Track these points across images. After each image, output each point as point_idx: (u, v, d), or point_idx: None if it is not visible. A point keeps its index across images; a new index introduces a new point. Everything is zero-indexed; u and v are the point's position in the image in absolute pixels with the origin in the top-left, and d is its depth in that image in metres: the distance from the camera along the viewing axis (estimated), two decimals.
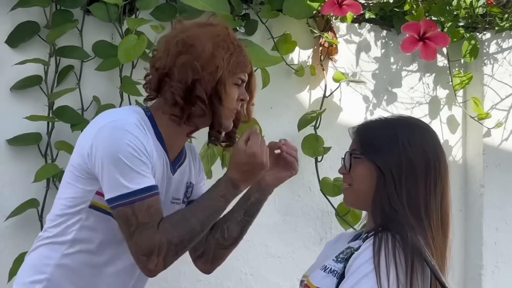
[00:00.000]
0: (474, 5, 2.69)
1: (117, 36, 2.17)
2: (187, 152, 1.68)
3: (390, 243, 1.24)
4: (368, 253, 1.25)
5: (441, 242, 1.34)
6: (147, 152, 1.45)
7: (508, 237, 2.75)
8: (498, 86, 2.83)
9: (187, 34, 1.52)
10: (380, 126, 1.43)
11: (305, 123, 2.42)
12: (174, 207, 1.62)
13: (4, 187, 2.02)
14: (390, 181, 1.33)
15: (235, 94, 1.56)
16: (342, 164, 1.48)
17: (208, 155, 2.18)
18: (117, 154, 1.41)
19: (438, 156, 1.37)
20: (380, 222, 1.33)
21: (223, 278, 2.38)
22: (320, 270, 1.36)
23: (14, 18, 2.04)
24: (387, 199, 1.32)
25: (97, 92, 2.14)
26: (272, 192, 1.71)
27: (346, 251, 1.35)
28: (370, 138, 1.40)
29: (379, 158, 1.35)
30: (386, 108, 2.70)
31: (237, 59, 1.53)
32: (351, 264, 1.28)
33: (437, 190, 1.35)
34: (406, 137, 1.36)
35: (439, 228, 1.34)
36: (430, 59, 2.43)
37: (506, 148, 2.83)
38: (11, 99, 2.04)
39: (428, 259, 1.25)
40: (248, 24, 2.36)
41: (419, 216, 1.32)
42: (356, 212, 2.46)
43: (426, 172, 1.34)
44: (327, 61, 2.52)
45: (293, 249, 2.51)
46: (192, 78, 1.48)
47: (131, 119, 1.47)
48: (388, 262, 1.22)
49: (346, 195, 1.47)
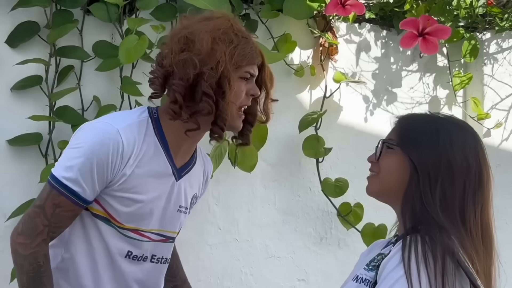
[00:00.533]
0: (474, 5, 2.69)
1: (117, 36, 2.17)
2: (198, 162, 1.63)
3: (420, 245, 1.17)
4: (398, 258, 1.18)
5: (485, 258, 1.25)
6: (112, 164, 1.41)
7: (508, 237, 2.75)
8: (498, 86, 2.84)
9: (190, 30, 1.46)
10: (423, 120, 1.35)
11: (306, 124, 2.42)
12: (182, 216, 1.60)
13: (4, 187, 2.02)
14: (425, 179, 1.25)
15: (242, 89, 1.48)
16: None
17: (216, 155, 2.18)
18: (81, 148, 1.41)
19: (479, 163, 1.28)
20: (411, 224, 1.26)
21: (223, 278, 2.38)
22: (352, 281, 1.30)
23: (14, 18, 2.04)
24: (419, 197, 1.25)
25: (98, 92, 2.14)
26: None
27: (377, 258, 1.28)
28: (411, 130, 1.32)
29: (415, 153, 1.27)
30: (386, 108, 2.70)
31: (242, 52, 1.45)
32: (381, 270, 1.22)
33: (476, 199, 1.26)
34: (448, 136, 1.28)
35: (480, 240, 1.25)
36: (431, 52, 2.40)
37: (506, 148, 2.84)
38: (12, 99, 2.04)
39: (462, 260, 1.16)
40: (248, 24, 2.36)
41: (454, 219, 1.23)
42: (357, 212, 2.47)
43: (465, 177, 1.26)
44: (327, 61, 2.52)
45: (293, 249, 2.51)
46: (194, 74, 1.41)
47: (118, 124, 1.43)
48: (418, 266, 1.14)
49: (370, 183, 1.37)
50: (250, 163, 2.31)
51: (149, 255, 1.55)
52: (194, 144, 1.59)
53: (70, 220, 1.45)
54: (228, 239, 2.40)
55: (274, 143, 2.46)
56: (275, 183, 2.48)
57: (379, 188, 1.35)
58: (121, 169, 1.43)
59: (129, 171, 1.44)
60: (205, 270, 2.35)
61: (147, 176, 1.48)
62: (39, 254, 1.42)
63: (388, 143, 1.33)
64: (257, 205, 2.45)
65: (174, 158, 1.53)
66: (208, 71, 1.41)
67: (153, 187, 1.50)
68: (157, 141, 1.49)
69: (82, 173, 1.39)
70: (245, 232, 2.42)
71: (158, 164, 1.50)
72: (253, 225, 2.45)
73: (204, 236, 2.35)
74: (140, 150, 1.46)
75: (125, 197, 1.46)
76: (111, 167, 1.41)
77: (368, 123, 2.67)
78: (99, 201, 1.47)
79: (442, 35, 2.39)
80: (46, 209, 1.42)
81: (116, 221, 1.48)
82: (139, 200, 1.48)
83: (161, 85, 1.48)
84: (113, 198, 1.46)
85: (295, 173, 2.51)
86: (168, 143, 1.51)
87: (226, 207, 2.40)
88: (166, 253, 1.60)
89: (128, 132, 1.43)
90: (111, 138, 1.40)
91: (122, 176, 1.44)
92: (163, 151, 1.50)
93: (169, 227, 1.58)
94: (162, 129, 1.50)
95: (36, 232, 1.42)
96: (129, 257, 1.52)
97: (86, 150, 1.40)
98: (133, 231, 1.51)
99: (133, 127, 1.45)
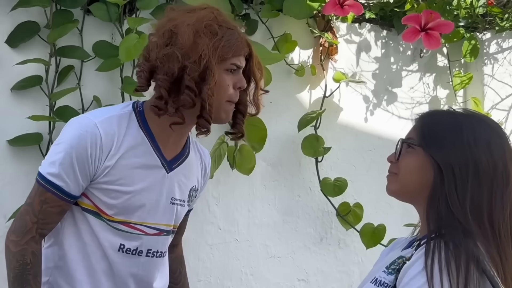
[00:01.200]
0: (474, 5, 2.69)
1: (117, 36, 2.17)
2: (193, 154, 1.63)
3: (443, 252, 1.12)
4: (420, 264, 1.13)
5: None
6: (92, 157, 1.43)
7: None
8: (498, 86, 2.84)
9: (174, 23, 1.44)
10: (445, 118, 1.29)
11: (305, 123, 2.42)
12: (177, 209, 1.60)
13: (4, 187, 2.02)
14: (450, 179, 1.19)
15: (228, 82, 1.46)
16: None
17: (216, 156, 2.17)
18: (62, 144, 1.44)
19: (506, 162, 1.22)
20: (434, 227, 1.20)
21: (223, 278, 2.38)
22: (370, 283, 1.25)
23: (14, 18, 2.04)
24: (445, 199, 1.19)
25: (98, 92, 2.14)
26: None
27: (398, 261, 1.22)
28: (433, 129, 1.26)
29: (439, 152, 1.21)
30: (386, 108, 2.70)
31: (227, 43, 1.43)
32: (402, 276, 1.17)
33: (504, 199, 1.20)
34: (473, 134, 1.22)
35: (510, 243, 1.19)
36: (434, 47, 2.38)
37: None
38: (12, 100, 2.04)
39: (487, 268, 1.11)
40: (248, 24, 2.36)
41: (482, 222, 1.18)
42: (357, 212, 2.47)
43: (492, 177, 1.20)
44: (327, 61, 2.52)
45: (293, 249, 2.51)
46: (178, 68, 1.41)
47: (97, 118, 1.45)
48: (441, 274, 1.10)
49: (390, 183, 1.31)
50: (248, 166, 2.31)
51: (144, 249, 1.55)
52: (184, 136, 1.58)
53: (58, 216, 1.47)
54: (228, 239, 2.40)
55: (274, 143, 2.46)
56: (275, 183, 2.48)
57: (399, 188, 1.29)
58: (102, 162, 1.44)
59: (111, 163, 1.45)
60: (205, 270, 2.35)
61: (133, 167, 1.48)
62: (26, 252, 1.44)
63: (409, 143, 1.27)
64: (257, 205, 2.45)
65: (162, 150, 1.53)
66: (190, 65, 1.40)
67: (140, 178, 1.50)
68: (142, 133, 1.50)
69: (64, 168, 1.42)
70: (245, 232, 2.43)
71: (145, 156, 1.50)
72: (253, 225, 2.45)
73: (204, 236, 2.35)
74: (122, 142, 1.46)
75: (111, 189, 1.47)
76: (91, 160, 1.43)
77: (368, 123, 2.67)
78: (88, 195, 1.49)
79: (444, 29, 2.37)
80: (34, 206, 1.44)
81: (105, 215, 1.49)
82: (126, 192, 1.48)
83: (146, 78, 1.48)
84: (100, 191, 1.47)
85: (295, 173, 2.51)
86: (155, 135, 1.51)
87: (226, 207, 2.40)
88: (161, 247, 1.60)
89: (106, 125, 1.45)
90: (89, 131, 1.43)
91: (105, 169, 1.45)
92: (150, 143, 1.50)
93: (163, 220, 1.57)
94: (147, 122, 1.51)
95: (25, 229, 1.44)
96: (123, 251, 1.52)
97: (66, 144, 1.43)
98: (124, 224, 1.51)
99: (113, 120, 1.47)
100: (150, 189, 1.52)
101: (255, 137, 2.34)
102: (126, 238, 1.52)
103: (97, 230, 1.50)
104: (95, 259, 1.51)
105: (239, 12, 2.33)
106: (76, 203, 1.49)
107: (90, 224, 1.50)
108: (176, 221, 1.63)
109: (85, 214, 1.50)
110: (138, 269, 1.56)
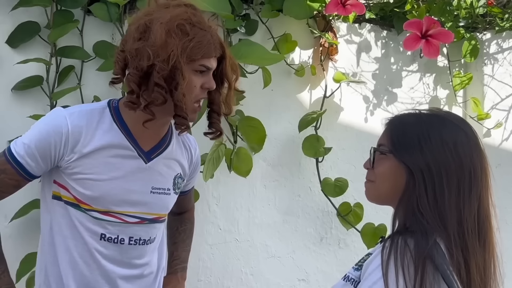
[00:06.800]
0: (475, 5, 2.69)
1: (117, 36, 2.17)
2: (173, 141, 1.64)
3: (400, 249, 1.16)
4: (379, 259, 1.18)
5: (481, 254, 1.24)
6: (55, 145, 1.48)
7: (508, 237, 2.75)
8: (498, 86, 2.84)
9: (150, 18, 1.45)
10: (412, 121, 1.32)
11: (306, 124, 2.42)
12: (159, 197, 1.61)
13: None
14: (420, 182, 1.23)
15: (196, 83, 1.47)
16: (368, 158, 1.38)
17: (214, 158, 2.18)
18: (34, 128, 1.51)
19: (473, 159, 1.26)
20: (400, 227, 1.25)
21: (223, 278, 2.38)
22: (342, 279, 1.29)
23: (15, 18, 2.04)
24: (416, 201, 1.23)
25: (98, 92, 2.14)
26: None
27: (365, 257, 1.28)
28: (401, 134, 1.30)
29: (409, 157, 1.26)
30: (386, 108, 2.70)
31: (198, 45, 1.44)
32: (364, 270, 1.22)
33: (472, 195, 1.25)
34: (439, 136, 1.26)
35: (476, 237, 1.24)
36: (433, 56, 2.42)
37: (506, 148, 2.84)
38: (12, 99, 2.05)
39: (443, 268, 1.15)
40: (248, 24, 2.37)
41: (450, 221, 1.22)
42: (357, 212, 2.47)
43: (459, 175, 1.24)
44: (327, 61, 2.53)
45: (293, 249, 2.51)
46: (147, 66, 1.42)
47: (69, 111, 1.50)
48: (397, 269, 1.14)
49: (368, 190, 1.36)
50: (245, 168, 2.31)
51: (126, 237, 1.57)
52: (161, 127, 1.60)
53: (13, 188, 1.53)
54: (228, 239, 2.40)
55: (274, 143, 2.46)
56: (275, 183, 2.48)
57: (377, 195, 1.34)
58: (66, 151, 1.49)
59: (81, 154, 1.49)
60: (205, 270, 2.35)
61: (106, 157, 1.51)
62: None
63: (380, 150, 1.32)
64: (257, 205, 2.45)
65: (139, 142, 1.55)
66: (159, 64, 1.42)
67: (115, 168, 1.52)
68: (116, 126, 1.53)
69: (28, 150, 1.48)
70: (245, 232, 2.43)
71: (119, 147, 1.53)
72: (253, 225, 2.45)
73: (204, 236, 2.35)
74: (92, 135, 1.50)
75: (85, 179, 1.50)
76: (53, 147, 1.48)
77: (368, 123, 2.67)
78: (66, 187, 1.52)
79: (445, 39, 2.40)
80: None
81: (84, 204, 1.52)
82: (99, 180, 1.51)
83: (121, 68, 1.50)
84: (75, 181, 1.51)
85: (295, 173, 2.51)
86: (130, 128, 1.54)
87: (226, 207, 2.40)
88: (144, 235, 1.61)
89: (75, 118, 1.49)
90: (57, 120, 1.49)
91: (71, 158, 1.49)
92: (124, 135, 1.53)
93: (143, 209, 1.59)
94: (121, 116, 1.54)
95: None
96: (104, 239, 1.54)
97: (35, 129, 1.50)
98: (103, 213, 1.53)
99: (83, 114, 1.51)
100: (127, 178, 1.54)
101: (254, 138, 2.34)
102: (105, 227, 1.54)
103: (79, 221, 1.52)
104: (77, 252, 1.54)
105: (239, 12, 2.33)
106: (59, 197, 1.53)
107: (71, 216, 1.53)
108: (160, 209, 1.64)
109: (67, 207, 1.53)
110: (122, 257, 1.58)
